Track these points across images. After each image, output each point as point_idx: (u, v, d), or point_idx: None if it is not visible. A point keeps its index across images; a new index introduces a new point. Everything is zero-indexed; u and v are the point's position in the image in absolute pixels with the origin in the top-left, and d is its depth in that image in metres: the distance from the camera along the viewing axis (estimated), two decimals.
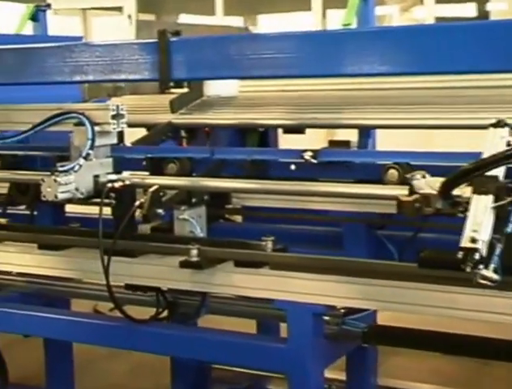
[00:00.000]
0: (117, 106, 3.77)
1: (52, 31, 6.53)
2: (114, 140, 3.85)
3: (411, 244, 3.47)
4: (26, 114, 4.05)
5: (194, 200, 3.55)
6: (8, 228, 4.17)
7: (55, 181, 3.53)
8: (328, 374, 3.87)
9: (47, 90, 5.03)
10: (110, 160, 3.84)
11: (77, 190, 3.64)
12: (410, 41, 3.36)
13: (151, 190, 3.48)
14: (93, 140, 3.68)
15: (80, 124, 3.75)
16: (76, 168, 3.62)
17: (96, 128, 3.72)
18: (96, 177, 3.73)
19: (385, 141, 4.42)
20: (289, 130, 4.40)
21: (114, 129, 3.76)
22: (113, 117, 3.74)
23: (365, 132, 4.24)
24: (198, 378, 4.63)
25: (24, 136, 3.98)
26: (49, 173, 3.55)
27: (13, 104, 4.21)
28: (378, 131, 4.36)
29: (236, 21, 13.11)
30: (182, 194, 3.54)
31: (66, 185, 3.59)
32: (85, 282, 4.38)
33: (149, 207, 3.46)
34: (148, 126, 4.33)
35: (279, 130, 4.51)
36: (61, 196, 3.57)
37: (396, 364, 5.06)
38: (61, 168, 3.60)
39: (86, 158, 3.66)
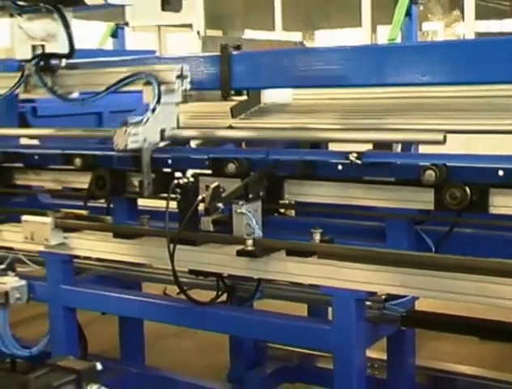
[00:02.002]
0: (182, 67, 3.82)
1: (129, 46, 6.58)
2: (179, 98, 3.87)
3: (447, 238, 3.42)
4: (102, 77, 4.07)
5: (250, 196, 3.53)
6: (88, 219, 4.19)
7: (125, 131, 3.61)
8: (370, 353, 3.86)
9: (124, 97, 5.08)
10: (175, 116, 3.90)
11: (145, 140, 3.73)
12: (444, 55, 3.36)
13: (212, 186, 3.47)
14: (159, 96, 3.75)
15: (149, 84, 3.80)
16: (144, 120, 3.71)
17: (163, 87, 3.78)
18: (163, 131, 3.81)
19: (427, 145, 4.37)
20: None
21: (179, 88, 3.81)
22: (178, 76, 3.80)
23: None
24: (254, 355, 4.64)
25: (102, 96, 4.02)
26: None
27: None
28: None
29: (296, 36, 13.08)
30: (240, 190, 3.52)
31: (135, 135, 3.67)
32: (154, 267, 4.40)
33: (210, 202, 3.45)
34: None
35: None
36: (130, 145, 3.66)
37: (438, 348, 5.01)
38: (131, 121, 3.67)
39: (153, 111, 3.73)
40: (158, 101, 3.75)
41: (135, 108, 5.04)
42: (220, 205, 3.49)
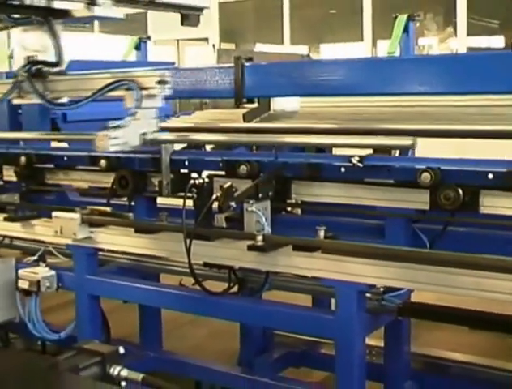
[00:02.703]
0: (164, 73, 3.76)
1: (151, 58, 6.57)
2: (159, 104, 3.80)
3: (441, 235, 3.40)
4: (89, 83, 4.04)
5: (260, 195, 3.53)
6: (112, 215, 4.19)
7: (106, 135, 3.55)
8: (369, 341, 3.84)
9: None
10: (156, 120, 3.81)
11: (126, 143, 3.64)
12: (438, 67, 3.38)
13: (226, 186, 3.47)
14: (139, 101, 3.67)
15: (130, 89, 3.73)
16: (124, 123, 3.62)
17: (144, 92, 3.70)
18: (144, 134, 3.74)
19: (423, 149, 4.35)
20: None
21: (159, 93, 3.74)
22: (158, 82, 3.73)
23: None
24: (262, 341, 4.62)
25: (87, 101, 3.96)
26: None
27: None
28: (418, 140, 4.29)
29: (302, 49, 13.06)
30: (251, 190, 3.52)
31: (116, 139, 3.59)
32: (171, 260, 4.40)
33: (223, 200, 3.45)
34: None
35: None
36: (111, 148, 3.59)
37: (432, 336, 5.00)
38: (111, 125, 3.60)
39: (133, 115, 3.66)
40: (138, 107, 3.68)
41: None
42: (233, 204, 3.48)
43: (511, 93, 3.41)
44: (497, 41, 11.26)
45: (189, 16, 4.40)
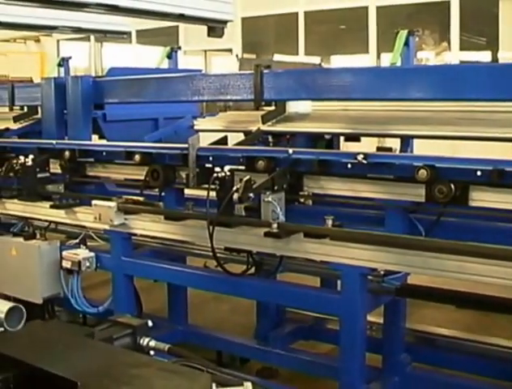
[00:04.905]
0: None
1: (181, 66, 6.56)
2: None
3: (435, 225, 3.38)
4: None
5: (276, 187, 3.51)
6: (144, 204, 4.19)
7: None
8: (370, 318, 3.83)
9: (176, 106, 5.09)
10: None
11: None
12: (438, 76, 3.37)
13: (245, 179, 3.46)
14: None
15: None
16: None
17: None
18: None
19: (420, 149, 4.33)
20: (349, 138, 4.35)
21: None
22: None
23: (405, 141, 4.16)
24: (276, 317, 4.62)
25: None
26: None
27: None
28: (415, 141, 4.27)
29: (315, 59, 13.01)
30: (267, 182, 3.51)
31: None
32: (196, 244, 4.40)
33: (243, 192, 3.44)
34: (245, 133, 4.31)
35: (341, 138, 4.45)
36: None
37: (424, 314, 4.98)
38: None
39: None
40: None
41: (184, 115, 5.06)
42: (251, 195, 3.47)
43: (498, 100, 3.40)
44: (485, 56, 11.38)
45: (215, 28, 4.41)
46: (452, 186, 3.10)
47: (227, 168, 3.62)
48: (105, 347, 2.26)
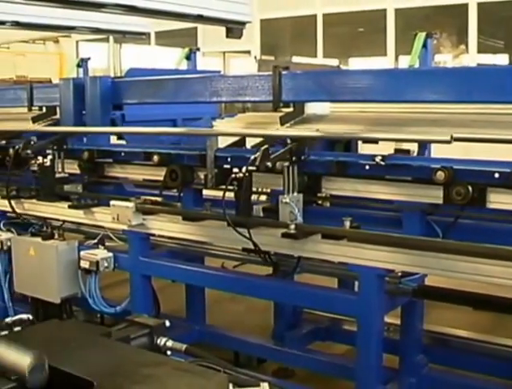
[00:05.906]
0: None
1: (200, 67, 6.57)
2: None
3: (452, 227, 3.37)
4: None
5: (293, 158, 3.52)
6: (162, 204, 4.20)
7: None
8: (387, 319, 3.82)
9: (195, 107, 5.09)
10: None
11: None
12: (454, 78, 3.37)
13: (263, 148, 3.45)
14: None
15: None
16: None
17: None
18: None
19: (437, 150, 4.30)
20: (366, 140, 4.32)
21: None
22: None
23: (423, 143, 4.14)
24: (293, 318, 4.61)
25: None
26: None
27: None
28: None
29: (333, 62, 13.00)
30: (285, 153, 3.51)
31: None
32: (214, 245, 4.39)
33: (261, 160, 3.43)
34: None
35: (359, 140, 4.43)
36: None
37: (441, 315, 4.94)
38: None
39: None
40: None
41: (202, 116, 5.06)
42: (269, 164, 3.45)
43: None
44: (503, 59, 11.34)
45: (233, 30, 4.40)
46: (470, 188, 3.08)
47: (245, 168, 3.62)
48: (122, 347, 2.26)
